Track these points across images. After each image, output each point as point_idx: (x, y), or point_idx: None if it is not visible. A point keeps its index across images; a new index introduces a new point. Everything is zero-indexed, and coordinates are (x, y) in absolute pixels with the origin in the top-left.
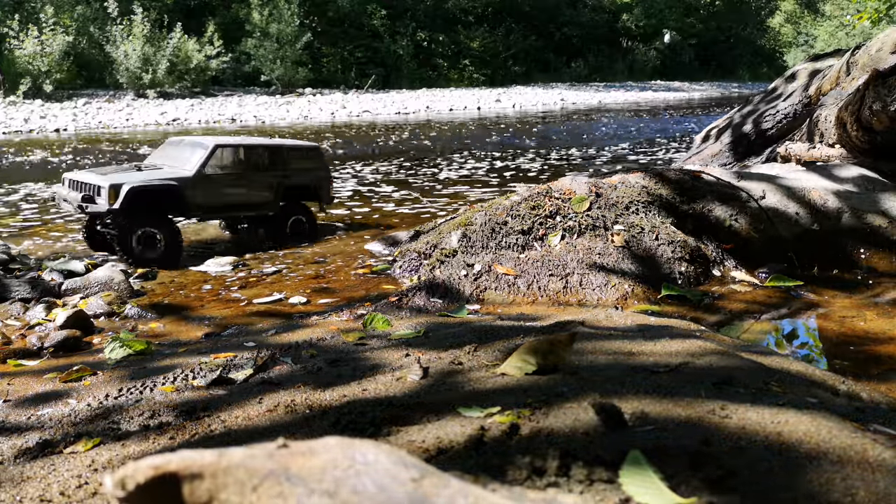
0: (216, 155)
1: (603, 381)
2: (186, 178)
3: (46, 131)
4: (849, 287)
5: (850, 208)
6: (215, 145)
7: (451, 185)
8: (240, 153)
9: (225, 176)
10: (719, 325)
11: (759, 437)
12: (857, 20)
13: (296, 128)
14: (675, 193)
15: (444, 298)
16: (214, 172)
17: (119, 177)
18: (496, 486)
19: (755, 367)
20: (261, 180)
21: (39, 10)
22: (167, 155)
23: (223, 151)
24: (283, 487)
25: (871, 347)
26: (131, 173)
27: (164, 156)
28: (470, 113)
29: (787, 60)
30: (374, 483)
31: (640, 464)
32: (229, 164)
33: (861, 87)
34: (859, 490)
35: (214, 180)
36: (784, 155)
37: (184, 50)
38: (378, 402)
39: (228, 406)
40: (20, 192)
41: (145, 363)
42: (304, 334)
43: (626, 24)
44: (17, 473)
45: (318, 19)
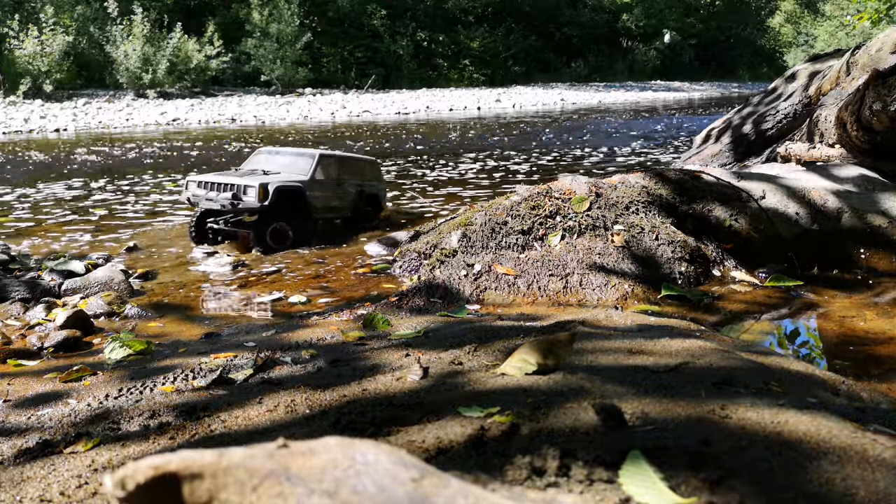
0: (321, 164)
1: (603, 381)
2: (305, 181)
3: (46, 131)
4: (849, 287)
5: (851, 208)
6: (320, 155)
7: (450, 184)
8: (335, 163)
9: (327, 182)
10: (719, 325)
11: (759, 437)
12: (857, 20)
13: (296, 128)
14: (675, 193)
15: (444, 298)
16: (321, 178)
17: (262, 178)
18: (496, 486)
19: (755, 367)
20: (348, 188)
21: (39, 10)
22: (274, 162)
23: (325, 161)
24: (283, 487)
25: (871, 347)
26: (267, 176)
27: (271, 163)
28: (470, 113)
29: (787, 60)
30: (374, 483)
31: (640, 464)
32: (329, 172)
33: (861, 87)
34: (859, 490)
35: (321, 185)
36: (784, 155)
37: (184, 50)
38: (378, 402)
39: (228, 406)
40: (21, 192)
41: (145, 363)
42: (304, 334)
43: (626, 24)
44: (17, 473)
45: (318, 19)
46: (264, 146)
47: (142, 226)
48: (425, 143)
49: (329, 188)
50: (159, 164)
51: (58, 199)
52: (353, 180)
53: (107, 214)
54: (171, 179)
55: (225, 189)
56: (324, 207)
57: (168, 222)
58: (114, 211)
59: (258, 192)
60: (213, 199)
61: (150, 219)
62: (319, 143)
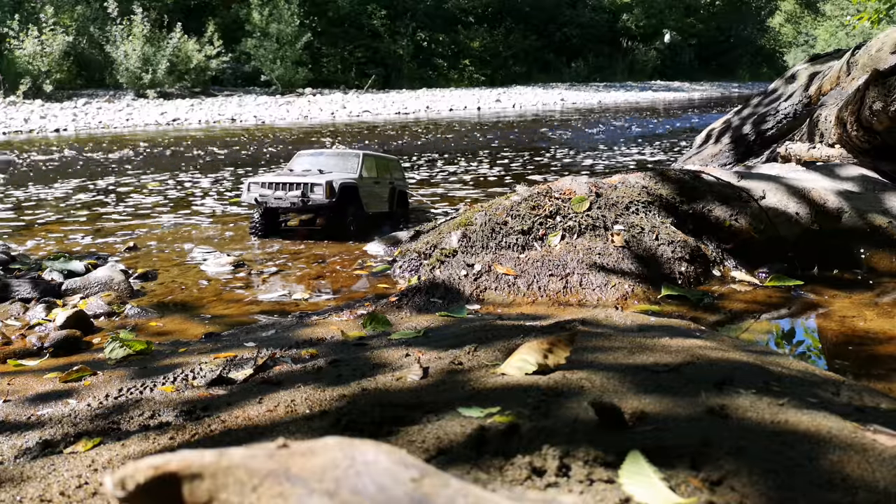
0: (365, 163)
1: (603, 380)
2: (356, 178)
3: (46, 131)
4: (849, 287)
5: (851, 208)
6: (363, 155)
7: (450, 184)
8: (374, 162)
9: (370, 179)
10: (719, 325)
11: (760, 437)
12: (856, 21)
13: (296, 128)
14: (675, 193)
15: (444, 298)
16: (366, 176)
17: (326, 177)
18: (496, 486)
19: (755, 367)
20: (385, 185)
21: (39, 10)
22: (321, 163)
23: (367, 160)
24: (283, 487)
25: (872, 347)
26: (328, 175)
27: (317, 164)
28: (470, 113)
29: (787, 60)
30: (374, 483)
31: (640, 464)
32: (371, 170)
33: (861, 87)
34: (860, 490)
35: (367, 182)
36: (784, 155)
37: (184, 50)
38: (378, 402)
39: (228, 406)
40: (21, 191)
41: (145, 363)
42: (304, 334)
43: (626, 24)
44: (17, 473)
45: (318, 19)
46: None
47: (142, 226)
48: (425, 143)
49: (372, 185)
50: (159, 163)
51: (58, 199)
52: (387, 178)
53: (107, 214)
54: (172, 179)
55: (293, 188)
56: (370, 203)
57: (168, 222)
58: (114, 211)
59: (325, 189)
60: (281, 198)
61: (150, 219)
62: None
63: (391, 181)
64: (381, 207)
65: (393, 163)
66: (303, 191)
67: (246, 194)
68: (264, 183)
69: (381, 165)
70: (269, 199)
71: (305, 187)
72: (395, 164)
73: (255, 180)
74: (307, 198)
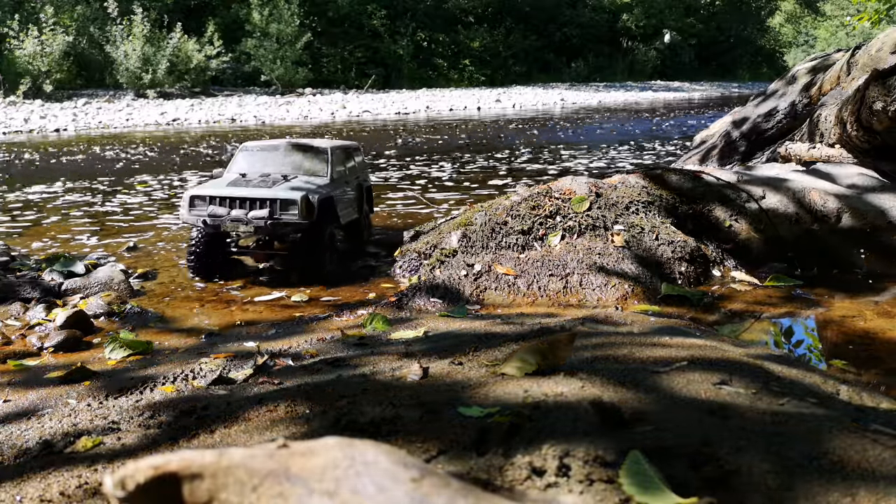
0: (335, 159)
1: (603, 380)
2: (328, 184)
3: (46, 131)
4: (849, 287)
5: (850, 209)
6: (332, 149)
7: (450, 184)
8: (342, 155)
9: (341, 181)
10: (719, 325)
11: (760, 437)
12: (857, 21)
13: (296, 128)
14: (674, 193)
15: (444, 298)
16: (336, 178)
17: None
18: (496, 486)
19: (755, 367)
20: (353, 183)
21: (39, 10)
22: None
23: (336, 155)
24: (283, 487)
25: (871, 347)
26: (295, 181)
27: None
28: (470, 113)
29: (787, 60)
30: (374, 483)
31: (640, 464)
32: (340, 168)
33: (861, 87)
34: (860, 490)
35: (338, 186)
36: (784, 155)
37: (184, 50)
38: (378, 402)
39: (228, 406)
40: (21, 192)
41: (145, 363)
42: (304, 334)
43: (626, 24)
44: (17, 473)
45: (318, 19)
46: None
47: (142, 226)
48: (425, 143)
49: (344, 187)
50: (159, 163)
51: (58, 199)
52: (353, 173)
53: (107, 214)
54: (172, 179)
55: (256, 205)
56: (344, 213)
57: (168, 222)
58: (114, 211)
59: (301, 207)
60: (241, 220)
61: (150, 219)
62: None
63: (357, 176)
64: (352, 215)
65: (355, 151)
66: (271, 210)
67: (186, 211)
68: (215, 197)
69: (346, 157)
70: (224, 221)
71: (274, 205)
72: (356, 152)
73: (199, 192)
74: (277, 219)
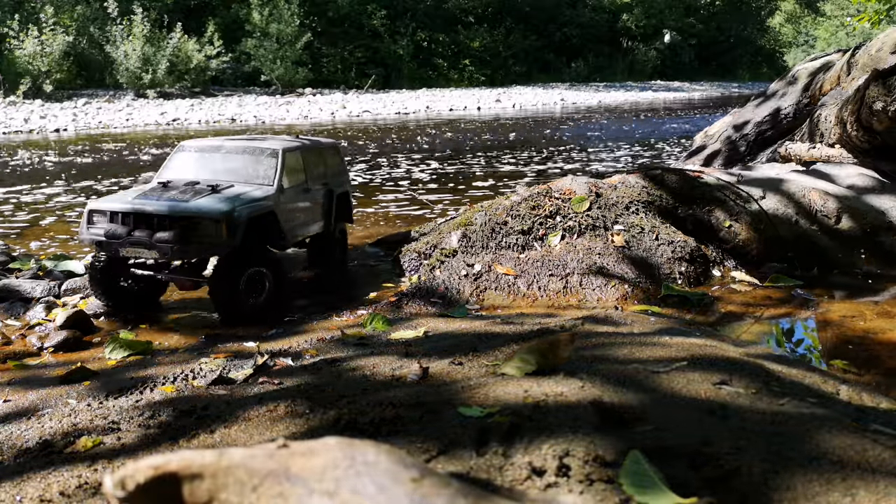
0: (287, 164)
1: (603, 380)
2: (272, 195)
3: (46, 131)
4: (849, 287)
5: (850, 209)
6: (284, 150)
7: (450, 184)
8: (301, 158)
9: (296, 189)
10: (719, 325)
11: (760, 437)
12: (857, 21)
13: (296, 128)
14: (674, 194)
15: (443, 299)
16: (288, 186)
17: (219, 200)
18: (496, 486)
19: (755, 368)
20: (317, 191)
21: (39, 10)
22: (214, 165)
23: (290, 157)
24: (283, 487)
25: (871, 347)
26: (221, 193)
27: (209, 166)
28: (470, 113)
29: (787, 60)
30: (374, 483)
31: (640, 464)
32: (296, 173)
33: (861, 87)
34: (860, 490)
35: (289, 196)
36: (784, 155)
37: (184, 50)
38: (378, 402)
39: (228, 406)
40: (21, 192)
41: (145, 363)
42: (304, 334)
43: (626, 24)
44: (17, 473)
45: (318, 19)
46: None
47: None
48: (425, 143)
49: (298, 196)
50: (159, 163)
51: (58, 199)
52: (320, 178)
53: None
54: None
55: (163, 224)
56: (294, 227)
57: None
58: None
59: (222, 226)
60: (142, 242)
61: None
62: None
63: (326, 182)
64: (311, 228)
65: (328, 152)
66: (176, 233)
67: (85, 229)
68: (115, 212)
69: (311, 160)
70: (123, 244)
71: (185, 223)
72: (330, 152)
73: (99, 205)
74: (187, 242)
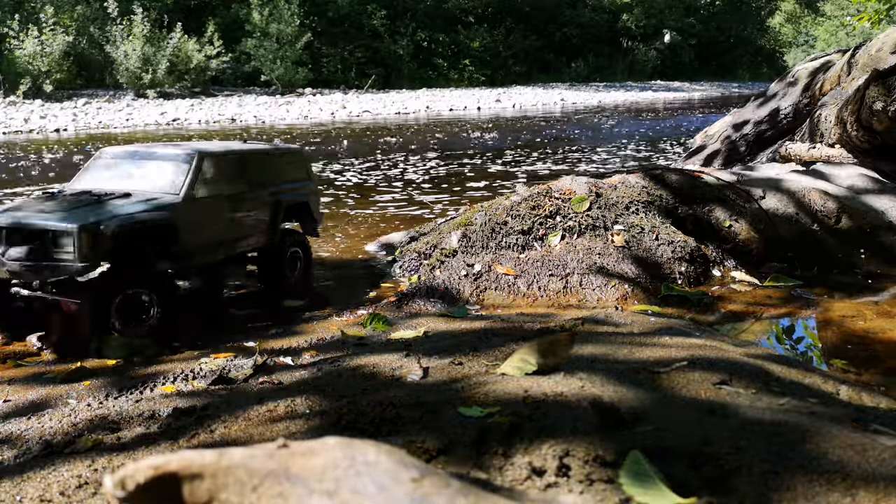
0: (203, 169)
1: (603, 380)
2: (176, 204)
3: (46, 131)
4: (848, 287)
5: (850, 209)
6: (200, 155)
7: (450, 185)
8: (230, 164)
9: (218, 199)
10: (719, 325)
11: (760, 437)
12: (857, 21)
13: (296, 128)
14: (674, 194)
15: (443, 299)
16: (205, 195)
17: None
18: (496, 486)
19: (755, 368)
20: (254, 202)
21: (39, 10)
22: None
23: (210, 162)
24: (283, 487)
25: (871, 347)
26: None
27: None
28: (470, 113)
29: (787, 60)
30: (375, 483)
31: (640, 464)
32: (220, 181)
33: (861, 87)
34: (860, 490)
35: (206, 207)
36: (784, 155)
37: (184, 50)
38: (378, 402)
39: (228, 406)
40: (20, 192)
41: (145, 363)
42: (304, 334)
43: (626, 24)
44: (17, 473)
45: (318, 19)
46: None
47: None
48: (425, 143)
49: (221, 208)
50: None
51: None
52: (262, 188)
53: None
54: None
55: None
56: (212, 242)
57: None
58: None
59: (81, 241)
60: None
61: None
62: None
63: (273, 189)
64: (245, 243)
65: (279, 158)
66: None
67: None
68: None
69: (248, 167)
70: None
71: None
72: (286, 159)
73: None
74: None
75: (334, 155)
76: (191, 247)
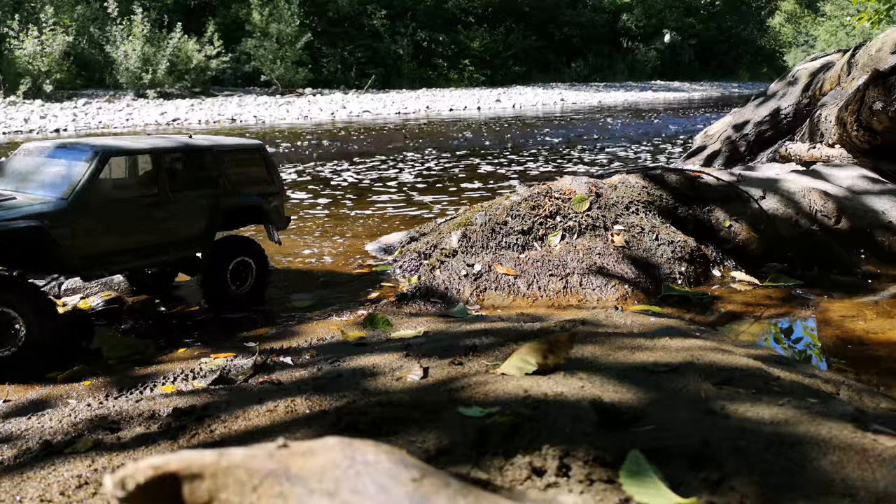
0: (101, 169)
1: (603, 381)
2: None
3: (46, 131)
4: (848, 287)
5: (850, 209)
6: (104, 153)
7: (450, 185)
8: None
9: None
10: (719, 325)
11: (759, 437)
12: (857, 21)
13: (296, 128)
14: (674, 194)
15: (443, 299)
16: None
17: None
18: (496, 486)
19: (755, 368)
20: (182, 206)
21: (39, 10)
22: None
23: (117, 158)
24: (283, 487)
25: (871, 347)
26: None
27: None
28: (470, 113)
29: (787, 60)
30: (375, 483)
31: (640, 464)
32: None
33: (861, 88)
34: (860, 490)
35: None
36: (784, 155)
37: (184, 50)
38: (378, 402)
39: (228, 406)
40: None
41: (145, 363)
42: (304, 335)
43: (626, 24)
44: (17, 473)
45: (318, 19)
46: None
47: None
48: (425, 143)
49: (128, 213)
50: None
51: None
52: (193, 189)
53: None
54: None
55: None
56: (111, 253)
57: None
58: None
59: None
60: None
61: None
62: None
63: (212, 193)
64: (159, 255)
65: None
66: None
67: None
68: None
69: (178, 166)
70: None
71: None
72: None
73: None
74: None
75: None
76: (76, 258)
